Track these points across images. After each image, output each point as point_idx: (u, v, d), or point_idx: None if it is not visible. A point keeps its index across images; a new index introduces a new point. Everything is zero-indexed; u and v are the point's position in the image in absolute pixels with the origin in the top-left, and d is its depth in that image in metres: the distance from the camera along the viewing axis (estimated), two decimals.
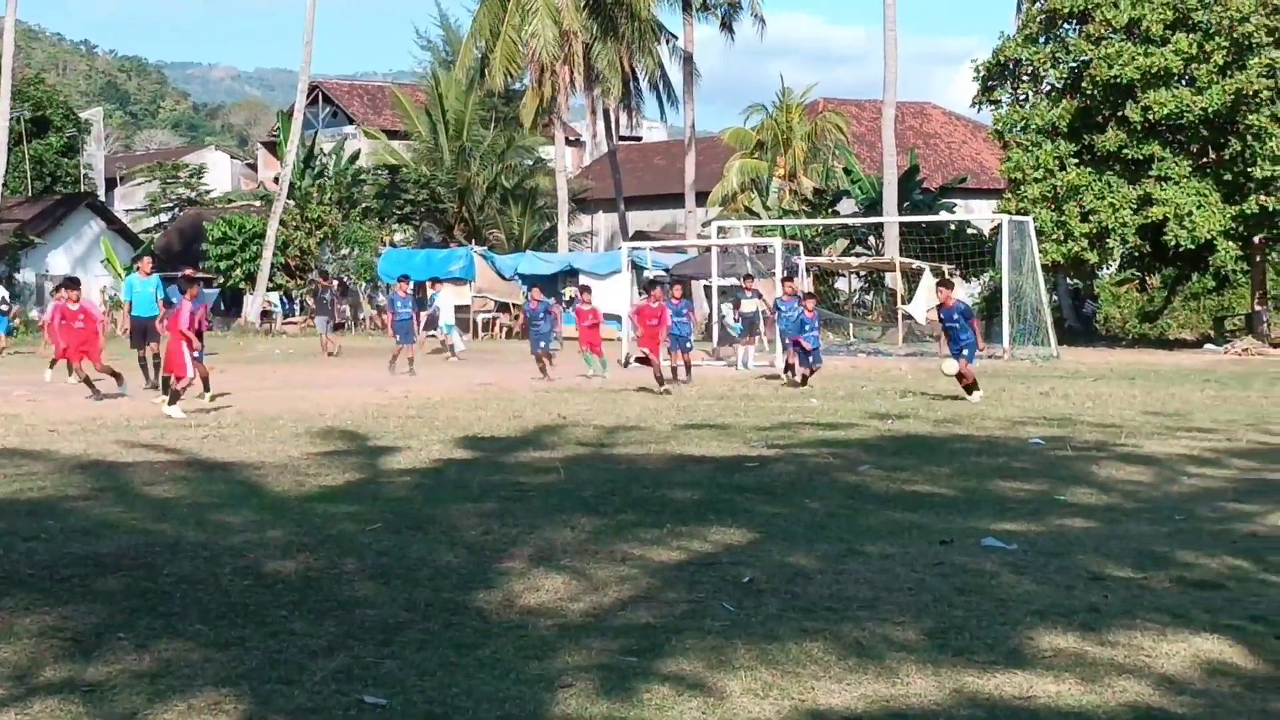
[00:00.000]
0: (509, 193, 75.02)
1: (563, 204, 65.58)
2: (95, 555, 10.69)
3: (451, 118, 72.88)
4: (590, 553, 10.82)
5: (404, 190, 72.46)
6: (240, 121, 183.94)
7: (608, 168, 73.32)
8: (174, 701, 7.18)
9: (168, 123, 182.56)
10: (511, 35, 60.33)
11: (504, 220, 74.81)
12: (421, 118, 75.37)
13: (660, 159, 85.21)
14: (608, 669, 7.73)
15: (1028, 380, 30.11)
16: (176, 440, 18.52)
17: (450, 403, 24.47)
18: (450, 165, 72.71)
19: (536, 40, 59.00)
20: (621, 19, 62.53)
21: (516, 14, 59.77)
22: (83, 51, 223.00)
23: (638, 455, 17.14)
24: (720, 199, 67.73)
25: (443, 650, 8.07)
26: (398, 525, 11.92)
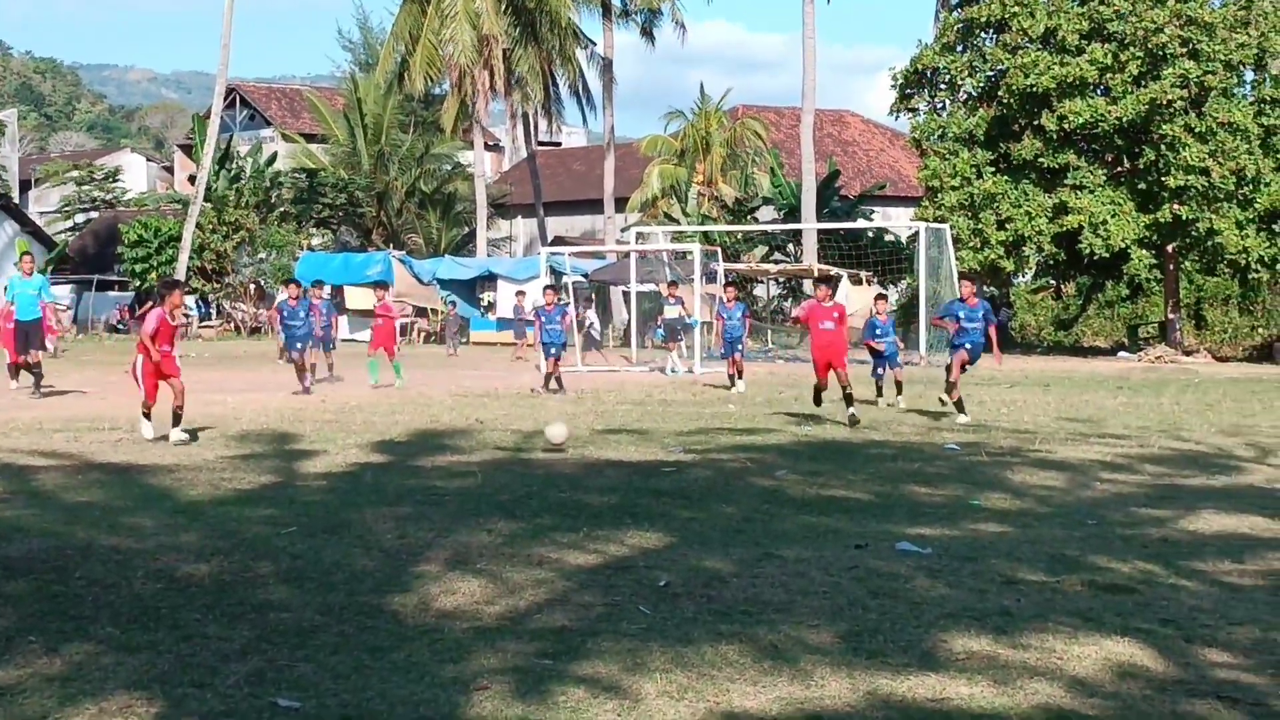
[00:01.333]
0: (428, 197, 74.88)
1: (481, 209, 65.51)
2: (4, 558, 10.59)
3: (370, 122, 72.67)
4: (506, 556, 10.80)
5: (322, 194, 72.20)
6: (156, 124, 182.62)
7: (527, 173, 73.28)
8: (85, 705, 7.13)
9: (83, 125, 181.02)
10: (431, 39, 60.22)
11: (423, 225, 74.66)
12: (340, 122, 75.12)
13: (579, 165, 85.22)
14: (523, 672, 7.72)
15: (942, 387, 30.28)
16: (89, 444, 18.37)
17: (367, 407, 24.38)
18: (369, 169, 72.50)
19: (455, 45, 58.90)
20: (542, 24, 62.54)
21: (436, 18, 59.65)
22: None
23: (555, 460, 17.13)
24: (640, 205, 67.81)
25: (357, 653, 8.03)
26: (313, 529, 11.86)
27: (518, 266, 59.35)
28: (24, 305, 27.76)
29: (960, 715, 7.15)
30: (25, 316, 27.61)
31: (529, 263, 57.45)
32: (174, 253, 62.01)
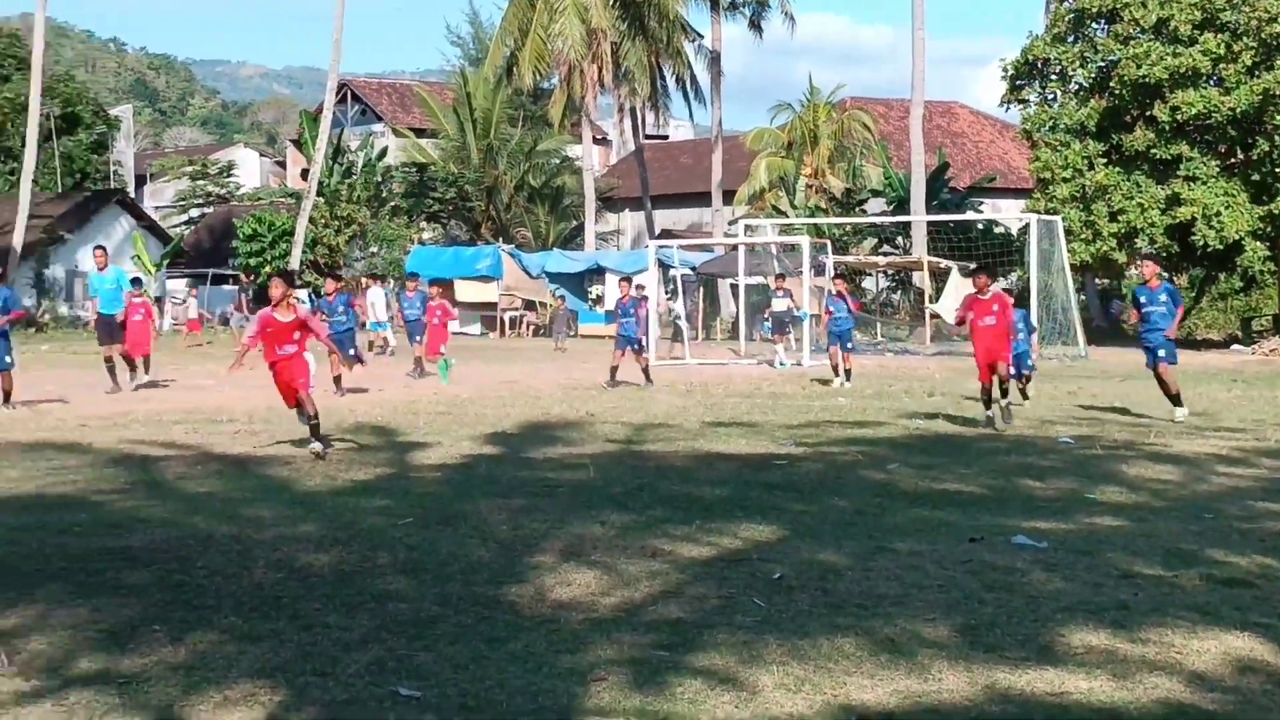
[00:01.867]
0: (536, 191, 75.08)
1: (589, 202, 65.65)
2: (128, 549, 10.76)
3: (479, 116, 72.96)
4: (620, 548, 10.86)
5: (432, 189, 72.57)
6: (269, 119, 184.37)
7: (634, 166, 73.37)
8: (209, 693, 7.23)
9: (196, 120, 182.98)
10: (540, 34, 60.40)
11: (531, 219, 74.87)
12: (449, 116, 75.47)
13: (686, 158, 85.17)
14: (640, 663, 7.76)
15: (1056, 380, 30.01)
16: (208, 435, 18.61)
17: (478, 400, 24.53)
18: (478, 164, 72.80)
19: (564, 39, 59.06)
20: (650, 18, 62.57)
21: (545, 12, 59.83)
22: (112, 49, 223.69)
23: (666, 452, 17.17)
24: (747, 197, 67.65)
25: (475, 644, 8.11)
26: (428, 520, 11.97)
27: (626, 260, 59.43)
28: (105, 300, 27.39)
29: (1079, 709, 7.11)
30: (107, 310, 27.27)
31: (637, 256, 57.53)
32: (287, 247, 62.56)
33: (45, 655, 7.89)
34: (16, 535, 11.21)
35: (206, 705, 7.07)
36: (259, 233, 65.61)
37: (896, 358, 41.17)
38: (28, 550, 10.66)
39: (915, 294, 57.95)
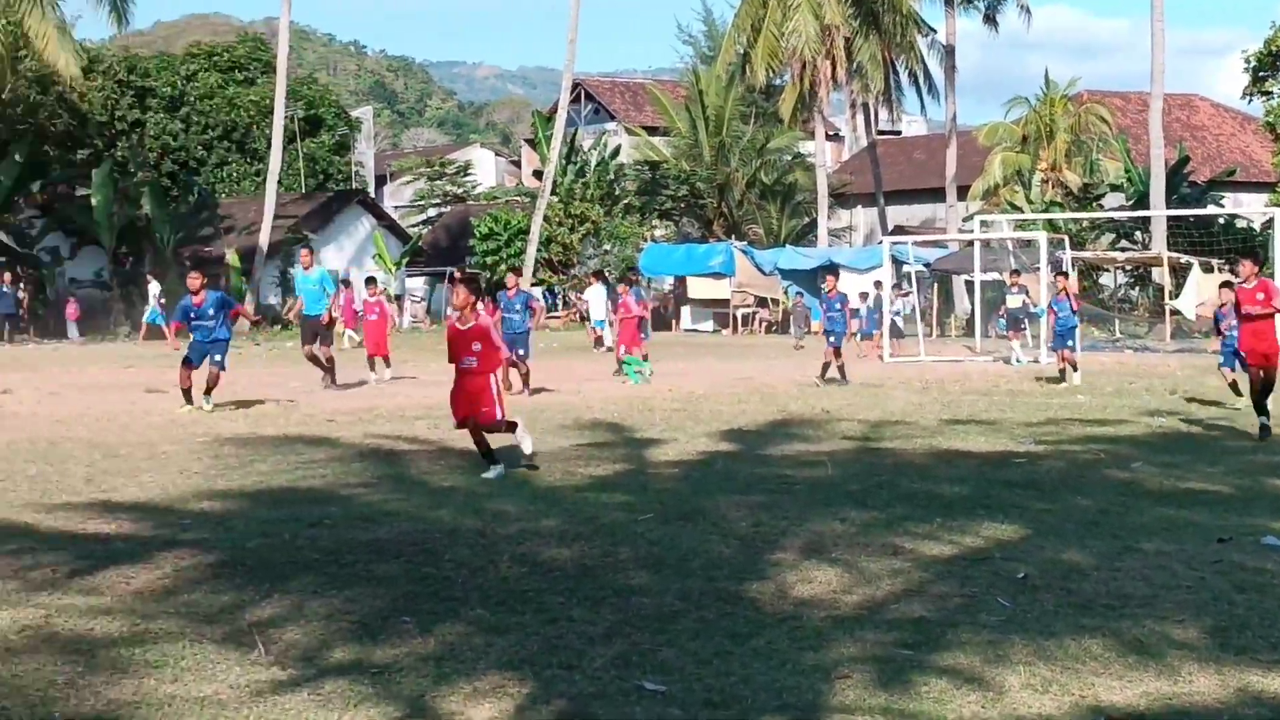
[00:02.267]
0: (768, 188, 74.97)
1: (822, 199, 65.41)
2: (377, 541, 11.00)
3: (711, 114, 73.06)
4: (861, 545, 10.83)
5: (664, 186, 72.87)
6: (504, 119, 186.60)
7: (867, 162, 72.98)
8: (459, 684, 7.36)
9: (434, 121, 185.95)
10: (773, 30, 60.30)
11: (763, 215, 74.79)
12: (681, 114, 75.70)
13: (920, 153, 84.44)
14: (884, 661, 7.74)
15: None
16: (449, 431, 18.89)
17: (713, 396, 24.59)
18: (710, 161, 72.90)
19: (798, 35, 58.91)
20: (883, 12, 62.14)
21: (778, 9, 59.74)
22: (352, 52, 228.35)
23: (904, 450, 17.08)
24: (981, 193, 66.88)
25: (718, 639, 8.14)
26: (668, 516, 12.05)
27: (859, 256, 59.16)
28: (309, 300, 27.10)
29: None
30: (310, 312, 27.01)
31: (870, 252, 57.23)
32: (522, 245, 63.28)
33: (300, 645, 8.09)
34: (269, 528, 11.51)
35: (456, 696, 7.19)
36: (495, 231, 66.49)
37: (1136, 355, 40.37)
38: (280, 542, 10.94)
39: (1154, 290, 56.78)
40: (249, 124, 76.74)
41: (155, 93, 75.93)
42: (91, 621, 8.49)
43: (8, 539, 11.10)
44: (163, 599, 9.13)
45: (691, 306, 61.07)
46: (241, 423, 20.15)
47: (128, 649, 7.92)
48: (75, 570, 9.94)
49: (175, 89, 76.51)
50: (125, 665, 7.62)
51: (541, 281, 65.01)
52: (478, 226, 67.62)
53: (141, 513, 12.40)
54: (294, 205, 67.41)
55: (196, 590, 9.37)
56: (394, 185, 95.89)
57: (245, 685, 7.31)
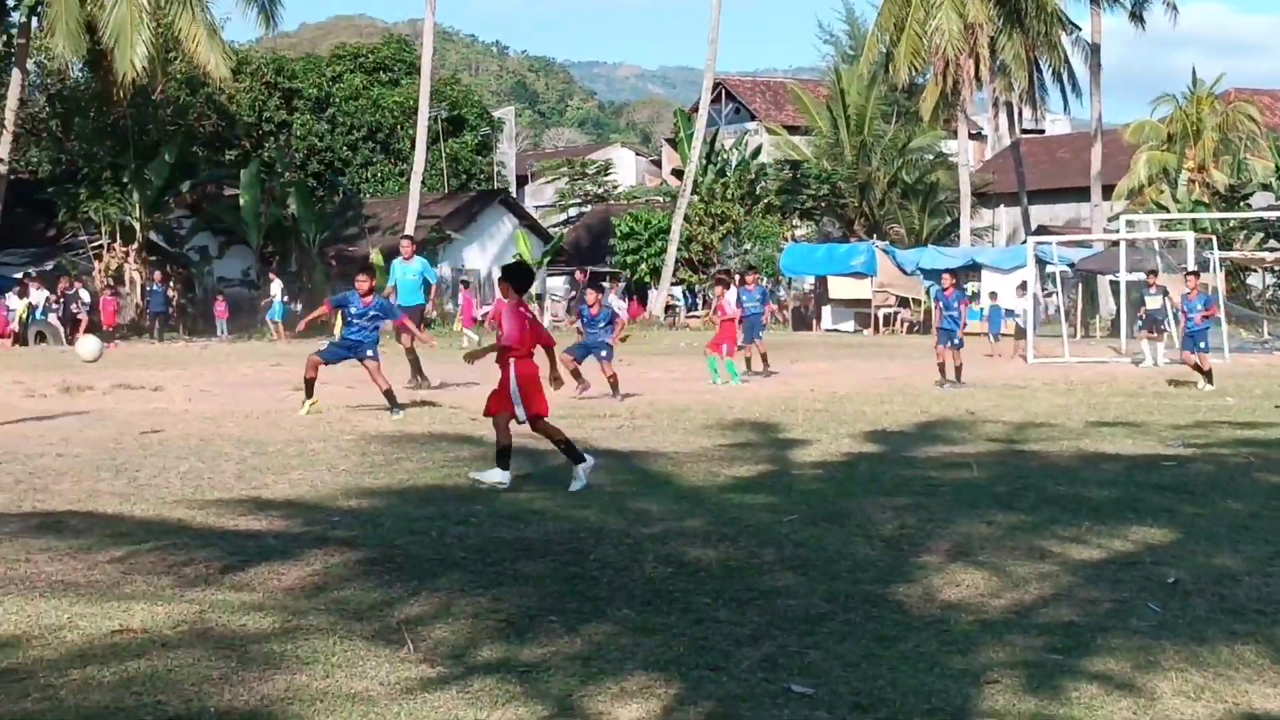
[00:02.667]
0: (909, 187, 74.63)
1: (965, 198, 64.93)
2: (523, 539, 11.06)
3: (853, 113, 72.85)
4: (1008, 549, 10.74)
5: (805, 185, 72.71)
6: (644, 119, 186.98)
7: (1009, 161, 72.36)
8: (606, 684, 7.37)
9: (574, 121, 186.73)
10: (916, 28, 59.98)
11: (904, 215, 74.47)
12: (822, 113, 75.53)
13: (1064, 152, 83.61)
14: (1033, 666, 7.67)
15: None
16: (593, 429, 18.99)
17: (856, 397, 24.50)
18: (851, 160, 72.70)
19: (940, 33, 58.54)
20: (1027, 10, 61.59)
21: (921, 7, 59.40)
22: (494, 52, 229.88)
23: (1050, 452, 16.91)
24: (1126, 192, 66.11)
25: (865, 642, 8.11)
26: (813, 517, 12.01)
27: (1002, 256, 58.70)
28: (405, 291, 26.42)
29: None
30: (407, 302, 26.07)
31: (1013, 252, 56.78)
32: (663, 244, 63.45)
33: (448, 643, 8.14)
34: (417, 525, 11.61)
35: (603, 696, 7.20)
36: (635, 231, 66.68)
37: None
38: (428, 540, 11.02)
39: None
40: (393, 125, 77.60)
41: (301, 94, 77.03)
42: (244, 617, 8.61)
43: (161, 535, 11.28)
44: (313, 595, 9.24)
45: (833, 306, 60.87)
46: (387, 421, 20.34)
47: (279, 645, 8.02)
48: (227, 566, 10.08)
49: (321, 90, 77.56)
50: (277, 661, 7.72)
51: (681, 281, 65.12)
52: (618, 226, 67.86)
53: (291, 509, 12.56)
54: (437, 205, 67.99)
55: (346, 587, 9.48)
56: (535, 185, 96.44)
57: (394, 682, 7.38)
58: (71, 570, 9.94)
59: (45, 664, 7.65)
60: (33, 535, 11.22)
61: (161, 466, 15.47)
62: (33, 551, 10.55)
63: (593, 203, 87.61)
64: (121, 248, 56.35)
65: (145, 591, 9.28)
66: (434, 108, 67.32)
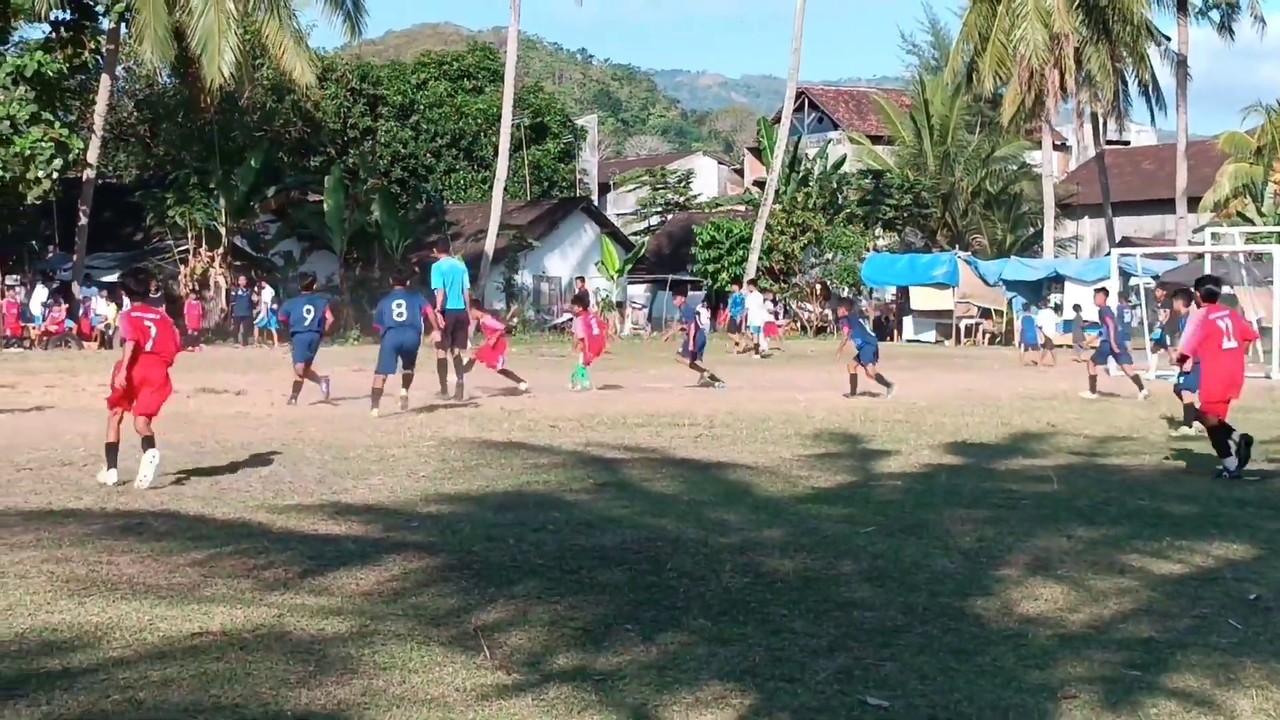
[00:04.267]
0: (993, 197, 74.26)
1: (1048, 209, 64.50)
2: (600, 548, 11.08)
3: (936, 122, 72.61)
4: (1088, 563, 10.67)
5: (888, 195, 72.47)
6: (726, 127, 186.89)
7: (1094, 172, 71.87)
8: (681, 693, 7.38)
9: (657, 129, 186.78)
10: (1001, 39, 59.67)
11: (987, 225, 74.09)
12: (906, 122, 75.32)
13: (1149, 164, 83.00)
14: (1111, 681, 7.62)
15: None
16: (670, 439, 18.99)
17: (936, 408, 24.37)
18: (934, 170, 72.43)
19: (1025, 43, 58.20)
20: (1113, 21, 61.16)
21: (1006, 17, 59.10)
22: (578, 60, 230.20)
23: (1131, 465, 16.80)
24: (1212, 204, 65.55)
25: (942, 655, 8.08)
26: (891, 529, 11.98)
27: (1086, 268, 58.21)
28: (454, 294, 25.33)
29: None
30: (453, 305, 25.18)
31: (1097, 264, 56.32)
32: (744, 253, 63.35)
33: (524, 650, 8.18)
34: (495, 532, 11.66)
35: (679, 705, 7.21)
36: (717, 239, 66.62)
37: None
38: (506, 547, 11.07)
39: None
40: (476, 132, 77.94)
41: (386, 101, 77.49)
42: (322, 621, 8.67)
43: (242, 538, 11.38)
44: (391, 601, 9.29)
45: (914, 317, 60.61)
46: (466, 427, 20.43)
47: (357, 649, 8.08)
48: (306, 570, 10.16)
49: (406, 97, 78.02)
50: (355, 665, 7.77)
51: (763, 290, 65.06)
52: (700, 234, 67.83)
53: (371, 514, 12.64)
54: (519, 212, 68.18)
55: (424, 593, 9.53)
56: (617, 193, 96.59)
57: (471, 688, 7.41)
58: (153, 572, 10.05)
59: (126, 664, 7.73)
60: (116, 537, 11.35)
61: (244, 471, 15.62)
62: (115, 553, 10.67)
63: (674, 211, 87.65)
64: (207, 252, 56.78)
65: (225, 594, 9.37)
66: (517, 115, 67.53)
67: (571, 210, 71.30)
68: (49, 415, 22.59)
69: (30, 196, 48.98)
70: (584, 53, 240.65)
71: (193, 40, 49.97)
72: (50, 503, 13.24)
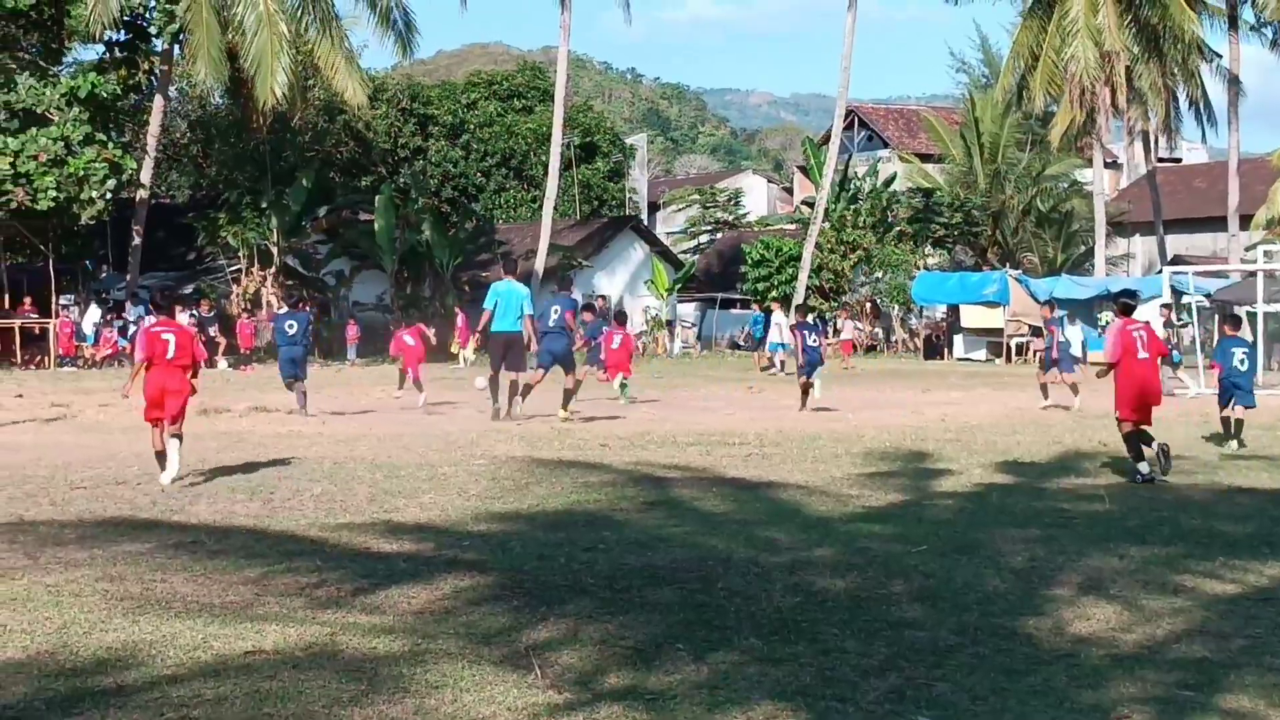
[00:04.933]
0: (1043, 215, 73.98)
1: (1099, 227, 64.18)
2: (651, 567, 11.09)
3: (987, 140, 72.37)
4: (1140, 583, 10.63)
5: (938, 213, 72.27)
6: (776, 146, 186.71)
7: (1145, 190, 71.54)
8: (732, 713, 7.39)
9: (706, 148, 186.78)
10: (1051, 56, 59.48)
11: (1038, 243, 73.79)
12: (956, 141, 75.12)
13: (1201, 181, 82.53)
14: (1164, 702, 7.59)
15: None
16: (720, 458, 18.99)
17: (987, 426, 24.30)
18: (984, 188, 72.19)
19: (1076, 61, 58.00)
20: (1165, 39, 60.88)
21: (1057, 35, 58.91)
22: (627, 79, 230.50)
23: (1184, 485, 16.70)
24: (1264, 222, 65.13)
25: (994, 675, 8.06)
26: (943, 548, 11.95)
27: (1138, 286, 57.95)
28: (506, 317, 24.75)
29: None
30: (506, 328, 24.72)
31: (1149, 282, 56.04)
32: (794, 272, 63.28)
33: (575, 669, 8.19)
34: (546, 550, 11.68)
35: None
36: (766, 258, 66.56)
37: None
38: (557, 565, 11.09)
39: None
40: (526, 151, 78.13)
41: (436, 120, 77.78)
42: (374, 640, 8.71)
43: (295, 556, 11.43)
44: (443, 619, 9.32)
45: (964, 335, 60.42)
46: (517, 445, 20.47)
47: (409, 668, 8.11)
48: (359, 589, 10.21)
49: (456, 117, 78.29)
50: (406, 684, 7.80)
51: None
52: (749, 253, 67.78)
53: (422, 533, 12.68)
54: (569, 231, 68.28)
55: (475, 611, 9.56)
56: (666, 212, 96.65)
57: (522, 708, 7.43)
58: (207, 591, 10.11)
59: (179, 682, 7.79)
60: (170, 555, 11.42)
61: (296, 489, 15.68)
62: (169, 571, 10.74)
63: (723, 230, 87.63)
64: (259, 272, 57.04)
65: (278, 612, 9.42)
66: (567, 134, 67.67)
67: (621, 229, 71.37)
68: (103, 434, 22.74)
69: (84, 217, 49.27)
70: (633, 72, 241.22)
71: (245, 61, 50.29)
72: (104, 521, 13.33)
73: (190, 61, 52.46)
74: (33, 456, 18.93)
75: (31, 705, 7.37)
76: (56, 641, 8.64)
